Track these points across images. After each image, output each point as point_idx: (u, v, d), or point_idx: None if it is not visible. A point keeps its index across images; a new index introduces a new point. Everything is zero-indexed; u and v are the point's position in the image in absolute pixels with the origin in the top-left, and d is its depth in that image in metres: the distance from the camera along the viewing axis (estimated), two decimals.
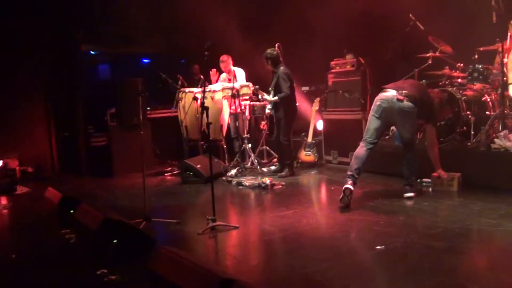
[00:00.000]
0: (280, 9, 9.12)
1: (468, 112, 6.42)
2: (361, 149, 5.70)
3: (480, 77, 6.57)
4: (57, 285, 3.87)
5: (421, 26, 7.07)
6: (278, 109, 7.39)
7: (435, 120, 5.84)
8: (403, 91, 5.58)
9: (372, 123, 5.76)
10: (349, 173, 5.61)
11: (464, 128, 6.45)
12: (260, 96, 7.65)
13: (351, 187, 5.47)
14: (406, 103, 5.55)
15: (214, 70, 8.48)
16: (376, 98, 5.78)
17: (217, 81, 8.49)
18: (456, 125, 6.49)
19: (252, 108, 8.41)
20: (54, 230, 5.10)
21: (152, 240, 4.44)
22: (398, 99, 5.57)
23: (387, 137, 7.56)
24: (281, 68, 7.35)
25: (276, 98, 7.27)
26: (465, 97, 6.51)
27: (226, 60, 8.30)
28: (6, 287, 3.90)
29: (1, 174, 8.04)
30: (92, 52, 10.10)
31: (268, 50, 7.41)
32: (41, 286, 3.85)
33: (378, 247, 4.15)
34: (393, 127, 7.25)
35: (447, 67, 7.04)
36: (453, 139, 6.51)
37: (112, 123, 8.73)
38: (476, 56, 6.66)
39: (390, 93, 5.66)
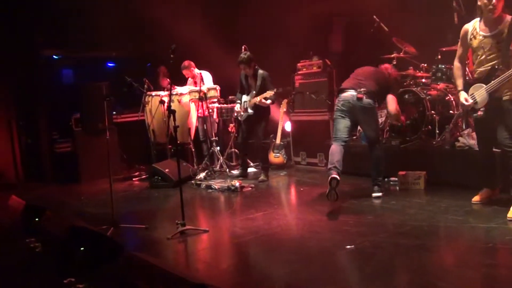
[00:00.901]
0: (246, 11, 9.14)
1: (432, 112, 6.53)
2: (335, 146, 5.69)
3: (443, 76, 6.70)
4: None
5: (385, 28, 7.17)
6: (259, 111, 7.27)
7: (393, 92, 6.01)
8: (361, 89, 5.68)
9: (339, 122, 5.79)
10: (330, 166, 5.56)
11: (429, 127, 6.56)
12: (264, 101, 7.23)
13: (337, 176, 5.41)
14: (366, 100, 5.67)
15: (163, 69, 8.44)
16: (337, 100, 5.82)
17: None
18: (421, 124, 6.60)
19: (220, 111, 8.37)
20: (18, 239, 4.96)
21: (121, 247, 4.36)
22: (358, 98, 5.65)
23: (354, 137, 7.64)
24: (261, 70, 7.28)
25: (270, 101, 7.17)
26: (429, 96, 6.62)
27: (187, 65, 8.21)
28: None
29: None
30: (55, 57, 9.89)
31: (247, 53, 7.22)
32: None
33: (348, 246, 4.18)
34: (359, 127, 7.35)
35: (411, 67, 7.15)
36: (419, 138, 6.61)
37: (77, 128, 8.56)
38: (439, 56, 6.79)
39: (349, 92, 5.76)
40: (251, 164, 8.12)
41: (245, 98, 7.39)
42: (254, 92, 7.23)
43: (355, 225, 4.80)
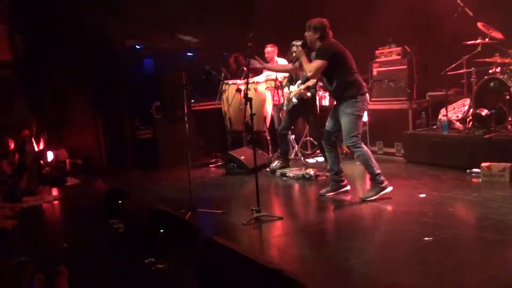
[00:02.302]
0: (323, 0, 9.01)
1: None
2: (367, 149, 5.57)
3: None
4: (107, 274, 3.97)
5: (470, 12, 6.83)
6: (306, 103, 7.22)
7: None
8: None
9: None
10: (380, 171, 5.46)
11: None
12: (305, 91, 7.25)
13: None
14: None
15: (254, 61, 8.45)
16: (364, 100, 5.52)
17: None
18: (507, 114, 6.26)
19: None
20: (103, 220, 5.22)
21: (198, 230, 4.50)
22: None
23: (434, 126, 7.40)
24: None
25: (310, 94, 7.16)
26: None
27: (272, 49, 8.26)
28: None
29: (52, 166, 8.29)
30: (137, 47, 10.26)
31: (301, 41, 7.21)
32: (91, 274, 3.95)
33: (426, 238, 4.07)
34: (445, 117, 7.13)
35: (497, 54, 6.78)
36: (504, 128, 6.29)
37: (157, 116, 8.85)
38: None
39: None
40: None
41: (292, 87, 7.32)
42: (300, 81, 7.14)
43: (434, 217, 4.65)
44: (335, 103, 5.72)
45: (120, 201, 5.16)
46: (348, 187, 5.74)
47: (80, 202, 6.46)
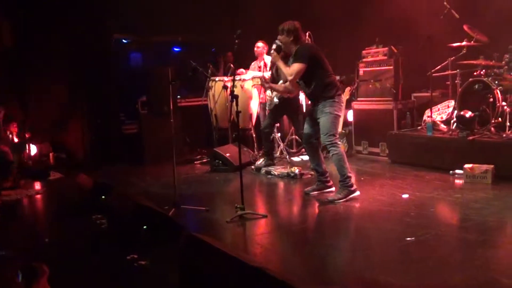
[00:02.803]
0: None
1: (503, 103, 6.26)
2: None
3: None
4: (89, 269, 3.94)
5: (456, 14, 6.90)
6: (288, 102, 7.18)
7: None
8: None
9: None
10: (350, 174, 5.52)
11: (499, 119, 6.29)
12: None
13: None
14: None
15: (241, 71, 8.47)
16: (341, 100, 5.61)
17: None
18: (491, 116, 6.34)
19: None
20: (86, 215, 5.19)
21: (181, 227, 4.48)
22: None
23: (419, 127, 7.46)
24: None
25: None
26: (500, 87, 6.34)
27: (262, 45, 8.26)
28: None
29: (36, 160, 8.21)
30: (124, 41, 10.19)
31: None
32: (73, 270, 3.93)
33: (408, 238, 4.11)
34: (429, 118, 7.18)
35: (482, 56, 6.85)
36: (488, 131, 6.36)
37: (143, 111, 8.80)
38: None
39: None
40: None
41: None
42: (281, 81, 7.14)
43: (416, 217, 4.69)
44: (311, 104, 5.74)
45: (103, 196, 5.13)
46: (333, 188, 5.76)
47: (63, 196, 6.41)
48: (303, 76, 5.47)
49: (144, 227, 4.27)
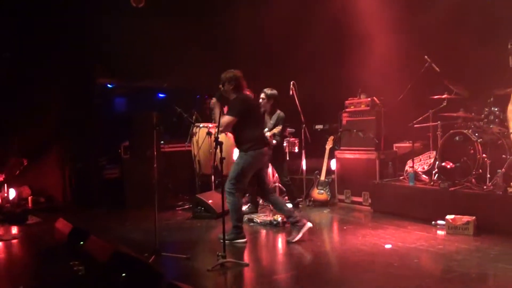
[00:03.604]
0: (296, 48, 9.24)
1: (484, 155, 6.35)
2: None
3: (496, 120, 6.52)
4: None
5: (437, 68, 7.08)
6: (273, 150, 7.17)
7: None
8: None
9: None
10: (239, 224, 5.86)
11: (480, 171, 6.37)
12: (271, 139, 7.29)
13: None
14: None
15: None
16: (254, 155, 5.78)
17: None
18: (472, 167, 6.42)
19: None
20: (63, 261, 5.05)
21: (161, 275, 4.38)
22: None
23: (401, 177, 7.51)
24: (280, 111, 7.38)
25: (275, 141, 7.21)
26: (480, 139, 6.45)
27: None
28: None
29: (14, 204, 8.05)
30: (108, 85, 10.24)
31: (272, 90, 7.40)
32: None
33: None
34: (411, 168, 7.25)
35: (462, 109, 7.01)
36: (469, 182, 6.42)
37: (125, 155, 8.75)
38: (492, 99, 6.63)
39: None
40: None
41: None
42: (267, 129, 7.22)
43: (400, 268, 4.66)
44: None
45: (81, 242, 5.01)
46: (309, 224, 5.82)
47: (40, 241, 6.26)
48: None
49: (123, 274, 4.16)
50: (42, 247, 6.05)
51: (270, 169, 8.30)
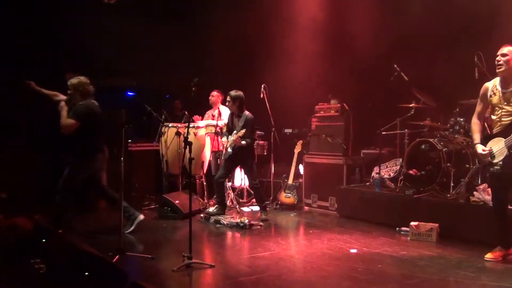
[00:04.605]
0: (268, 50, 9.27)
1: (448, 164, 6.49)
2: None
3: (461, 130, 6.66)
4: None
5: (405, 77, 7.20)
6: (242, 152, 7.19)
7: None
8: None
9: None
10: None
11: (444, 179, 6.50)
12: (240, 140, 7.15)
13: None
14: None
15: (196, 116, 8.49)
16: (88, 161, 6.25)
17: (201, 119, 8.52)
18: (436, 176, 6.54)
19: None
20: (23, 259, 4.92)
21: (125, 275, 4.31)
22: None
23: (367, 183, 7.60)
24: (248, 113, 7.27)
25: (244, 142, 7.09)
26: (446, 148, 6.59)
27: (215, 95, 8.36)
28: None
29: None
30: None
31: (237, 92, 7.27)
32: None
33: None
34: (378, 175, 7.34)
35: (428, 118, 7.15)
36: (433, 190, 6.55)
37: None
38: (458, 109, 6.78)
39: None
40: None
41: (230, 137, 7.32)
42: (235, 131, 7.20)
43: (364, 272, 4.72)
44: None
45: (43, 240, 4.90)
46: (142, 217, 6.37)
47: (0, 238, 6.07)
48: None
49: (86, 273, 4.08)
50: (2, 244, 5.87)
51: (239, 172, 8.31)
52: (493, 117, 5.03)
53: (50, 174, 8.70)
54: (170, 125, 8.09)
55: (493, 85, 5.04)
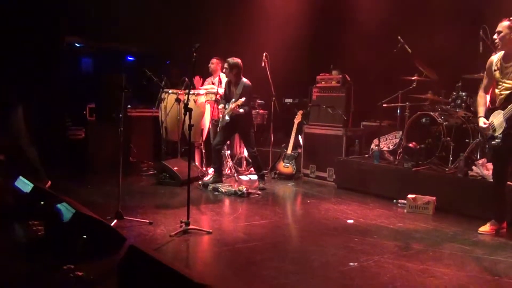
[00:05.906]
0: (270, 20, 9.15)
1: (448, 138, 6.48)
2: None
3: (463, 104, 6.65)
4: (19, 279, 3.73)
5: (409, 49, 7.12)
6: (240, 120, 7.16)
7: None
8: None
9: None
10: None
11: (443, 153, 6.50)
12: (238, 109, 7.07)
13: None
14: None
15: (197, 77, 8.40)
16: None
17: (202, 85, 8.44)
18: (435, 149, 6.54)
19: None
20: (22, 221, 4.95)
21: (123, 238, 4.35)
22: None
23: (366, 155, 7.60)
24: (246, 80, 7.17)
25: (242, 110, 7.03)
26: (446, 122, 6.57)
27: (215, 62, 8.26)
28: None
29: None
30: (76, 45, 9.93)
31: (235, 59, 7.15)
32: (4, 278, 3.71)
33: (351, 264, 4.15)
34: (377, 147, 7.33)
35: (430, 91, 7.10)
36: (432, 163, 6.55)
37: (90, 118, 8.57)
38: (460, 84, 6.74)
39: None
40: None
41: (227, 105, 7.26)
42: (233, 100, 7.14)
43: (360, 243, 4.76)
44: None
45: (42, 202, 4.91)
46: None
47: None
48: None
49: (84, 236, 4.11)
50: (1, 206, 5.89)
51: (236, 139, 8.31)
52: (496, 91, 5.02)
53: (48, 138, 8.70)
54: (170, 91, 8.04)
55: (497, 59, 5.01)
